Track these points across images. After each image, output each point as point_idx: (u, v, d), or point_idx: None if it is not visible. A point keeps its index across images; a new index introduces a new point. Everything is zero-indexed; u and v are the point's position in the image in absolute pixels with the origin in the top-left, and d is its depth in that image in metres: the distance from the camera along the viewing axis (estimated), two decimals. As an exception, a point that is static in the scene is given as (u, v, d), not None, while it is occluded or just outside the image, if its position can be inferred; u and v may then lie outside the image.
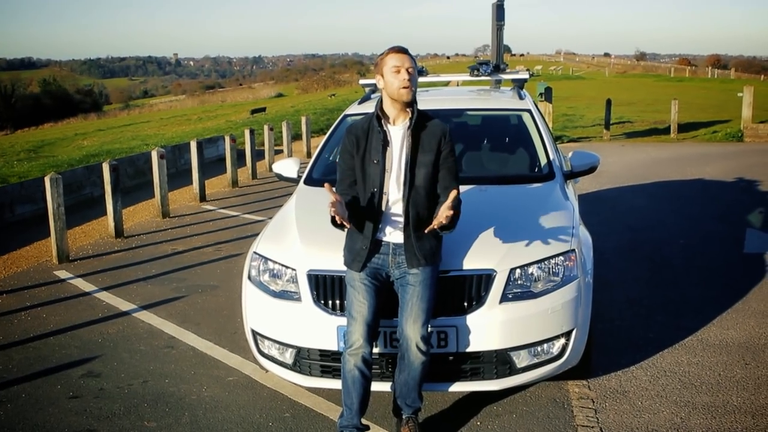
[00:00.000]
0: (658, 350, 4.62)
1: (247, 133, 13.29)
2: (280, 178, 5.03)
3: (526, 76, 5.91)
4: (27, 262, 7.41)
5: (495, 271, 3.56)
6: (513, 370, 3.63)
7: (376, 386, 3.59)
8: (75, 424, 3.88)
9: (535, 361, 3.66)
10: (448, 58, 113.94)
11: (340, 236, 3.52)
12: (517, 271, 3.60)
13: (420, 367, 3.37)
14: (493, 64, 6.12)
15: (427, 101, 5.17)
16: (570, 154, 4.95)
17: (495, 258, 3.60)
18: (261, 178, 12.83)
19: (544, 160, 4.83)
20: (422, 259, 3.38)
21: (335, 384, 3.63)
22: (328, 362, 3.68)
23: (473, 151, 5.29)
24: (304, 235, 3.93)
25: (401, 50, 3.39)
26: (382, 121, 3.42)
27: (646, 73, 69.22)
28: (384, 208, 3.40)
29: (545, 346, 3.66)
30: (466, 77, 6.18)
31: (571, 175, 4.81)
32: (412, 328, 3.33)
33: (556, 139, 12.31)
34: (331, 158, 5.12)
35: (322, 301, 3.65)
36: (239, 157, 13.24)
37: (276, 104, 40.79)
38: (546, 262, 3.66)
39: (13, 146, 28.28)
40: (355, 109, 5.49)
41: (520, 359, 3.62)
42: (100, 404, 4.09)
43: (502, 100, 5.87)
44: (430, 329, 3.43)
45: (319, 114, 25.64)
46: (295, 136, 17.45)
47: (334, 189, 3.25)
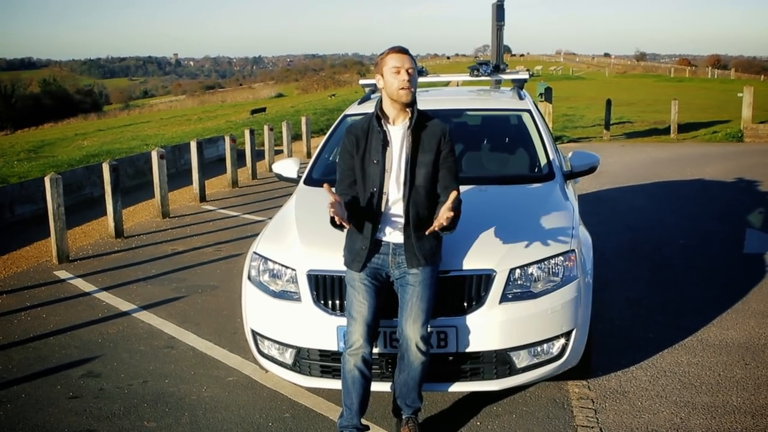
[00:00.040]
0: (657, 350, 4.62)
1: (247, 133, 13.29)
2: (280, 178, 5.03)
3: (525, 76, 5.91)
4: (27, 263, 7.41)
5: (495, 272, 3.56)
6: (513, 371, 3.63)
7: (376, 386, 3.59)
8: (75, 424, 3.88)
9: (535, 361, 3.66)
10: (448, 58, 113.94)
11: (340, 236, 3.52)
12: (517, 271, 3.60)
13: (420, 367, 3.37)
14: (493, 65, 6.12)
15: (427, 101, 5.17)
16: (570, 155, 4.95)
17: (495, 258, 3.60)
18: (261, 179, 12.83)
19: (543, 161, 4.83)
20: (422, 259, 3.38)
21: (335, 384, 3.63)
22: (327, 362, 3.68)
23: (473, 152, 5.29)
24: (303, 236, 3.93)
25: (402, 50, 3.38)
26: (382, 121, 3.42)
27: (646, 74, 69.25)
28: (384, 208, 3.40)
29: (545, 346, 3.66)
30: (466, 77, 6.18)
31: (571, 176, 4.81)
32: (411, 328, 3.33)
33: (556, 140, 12.31)
34: (330, 158, 5.13)
35: (322, 302, 3.65)
36: (239, 158, 13.24)
37: (276, 104, 40.79)
38: (546, 263, 3.66)
39: (13, 146, 28.27)
40: (355, 109, 5.49)
41: (520, 359, 3.62)
42: (100, 404, 4.09)
43: (502, 101, 5.87)
44: (429, 329, 3.43)
45: (319, 114, 25.64)
46: (295, 137, 17.46)
47: (333, 189, 3.25)
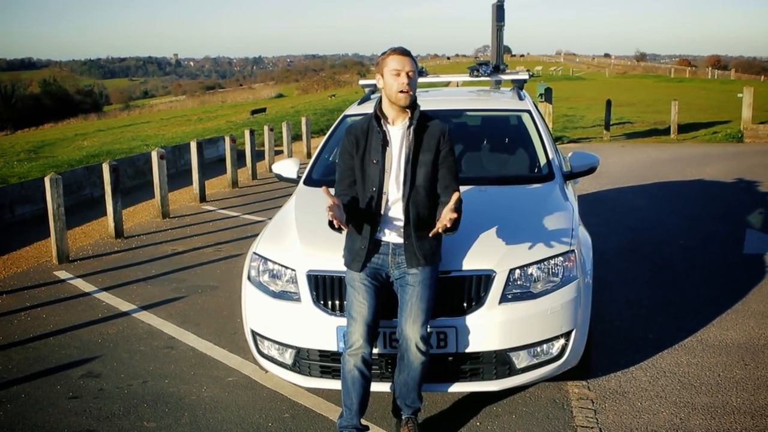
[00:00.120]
0: (657, 351, 4.62)
1: (247, 133, 13.30)
2: (280, 178, 5.03)
3: (525, 76, 5.92)
4: (27, 263, 7.41)
5: (494, 272, 3.56)
6: (512, 371, 3.63)
7: (376, 387, 3.59)
8: (74, 424, 3.89)
9: (535, 361, 3.66)
10: (448, 58, 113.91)
11: (340, 237, 3.52)
12: (517, 271, 3.60)
13: (419, 367, 3.37)
14: (492, 65, 6.13)
15: (426, 102, 5.16)
16: (569, 155, 4.95)
17: (494, 258, 3.60)
18: (261, 179, 12.83)
19: (543, 161, 4.83)
20: (422, 259, 3.38)
21: (335, 384, 3.63)
22: (327, 363, 3.68)
23: (473, 152, 5.29)
24: (303, 236, 3.93)
25: (403, 52, 3.37)
26: (382, 121, 3.43)
27: (646, 74, 69.27)
28: (383, 209, 3.40)
29: (545, 346, 3.66)
30: (466, 78, 6.19)
31: (571, 176, 4.81)
32: (411, 329, 3.33)
33: (556, 140, 12.31)
34: (330, 159, 5.13)
35: (322, 302, 3.65)
36: (239, 158, 13.25)
37: (276, 105, 40.80)
38: (545, 263, 3.66)
39: (13, 146, 28.28)
40: (354, 109, 5.49)
41: (520, 360, 3.62)
42: (100, 404, 4.09)
43: (502, 101, 5.87)
44: (429, 329, 3.43)
45: (319, 114, 25.65)
46: (295, 137, 17.46)
47: (332, 191, 3.25)
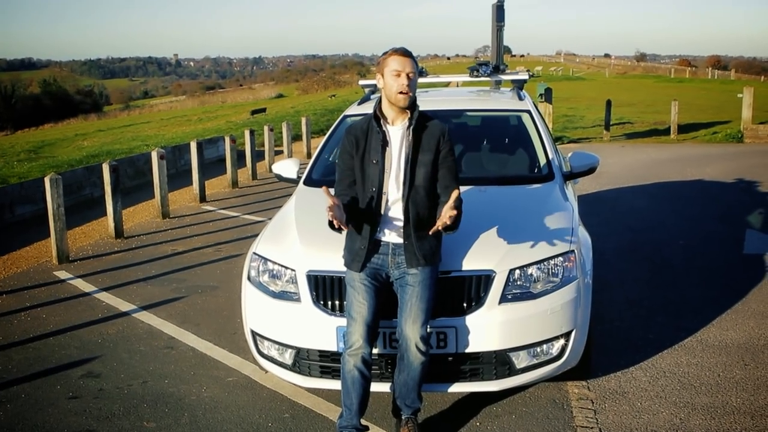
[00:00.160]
0: (657, 351, 4.62)
1: (247, 133, 13.30)
2: (280, 178, 5.04)
3: (525, 76, 5.92)
4: (27, 263, 7.41)
5: (494, 272, 3.56)
6: (512, 371, 3.63)
7: (376, 387, 3.59)
8: (74, 424, 3.89)
9: (535, 361, 3.66)
10: (449, 58, 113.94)
11: (340, 237, 3.52)
12: (517, 271, 3.60)
13: (419, 367, 3.37)
14: (492, 65, 6.13)
15: (426, 102, 5.16)
16: (569, 155, 4.95)
17: (494, 259, 3.60)
18: (261, 179, 12.84)
19: (543, 161, 4.83)
20: (422, 259, 3.38)
21: (335, 384, 3.63)
22: (327, 363, 3.68)
23: (473, 152, 5.29)
24: (303, 236, 3.93)
25: (404, 53, 3.37)
26: (381, 122, 3.42)
27: (647, 74, 69.27)
28: (383, 209, 3.40)
29: (544, 346, 3.66)
30: (466, 78, 6.18)
31: (571, 176, 4.81)
32: (411, 329, 3.33)
33: (556, 140, 12.31)
34: (330, 159, 5.13)
35: (322, 302, 3.65)
36: (239, 158, 13.25)
37: (276, 105, 40.81)
38: (545, 263, 3.66)
39: (14, 147, 28.30)
40: (354, 109, 5.49)
41: (520, 360, 3.62)
42: (100, 405, 4.10)
43: (502, 101, 5.87)
44: (429, 330, 3.43)
45: (319, 115, 25.66)
46: (295, 137, 17.46)
47: (332, 191, 3.25)
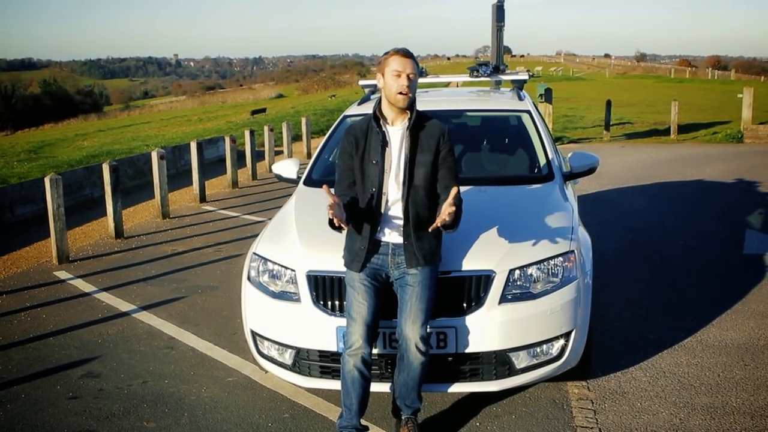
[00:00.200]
0: (657, 351, 4.62)
1: (247, 133, 13.30)
2: (280, 179, 5.04)
3: (525, 77, 5.91)
4: (27, 263, 7.42)
5: (494, 272, 3.56)
6: (512, 371, 3.63)
7: (376, 387, 3.59)
8: (74, 424, 3.89)
9: (535, 362, 3.66)
10: (449, 59, 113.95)
11: (340, 237, 3.52)
12: (517, 272, 3.60)
13: (419, 367, 3.37)
14: (492, 65, 6.12)
15: (426, 102, 5.17)
16: (569, 155, 4.95)
17: (494, 259, 3.60)
18: (261, 179, 12.84)
19: (543, 161, 4.83)
20: (422, 260, 3.38)
21: (334, 385, 3.63)
22: (327, 363, 3.69)
23: (473, 152, 5.29)
24: (303, 236, 3.93)
25: (406, 54, 3.36)
26: (381, 122, 3.42)
27: (647, 74, 69.26)
28: (383, 209, 3.40)
29: (544, 347, 3.66)
30: (466, 78, 6.19)
31: (571, 176, 4.81)
32: (411, 329, 3.33)
33: (556, 140, 12.30)
34: (330, 159, 5.13)
35: (322, 302, 3.65)
36: (239, 158, 13.25)
37: (276, 105, 40.81)
38: (545, 263, 3.67)
39: (14, 147, 28.29)
40: (354, 110, 5.49)
41: (519, 360, 3.62)
42: (100, 405, 4.10)
43: (502, 101, 5.87)
44: (429, 330, 3.43)
45: (320, 115, 25.66)
46: (295, 137, 17.47)
47: (332, 191, 3.25)
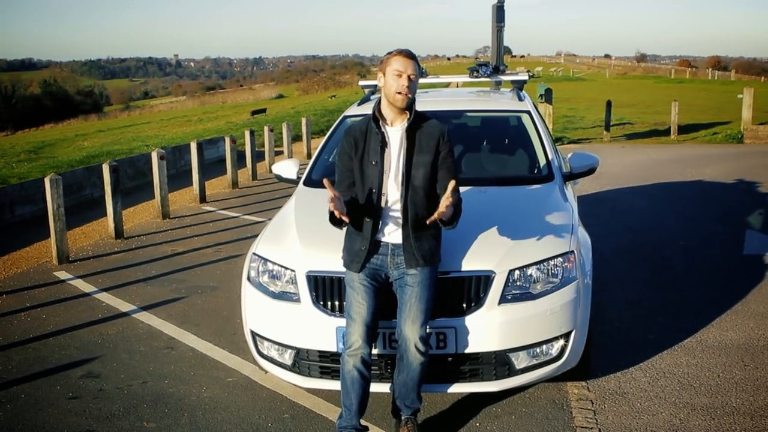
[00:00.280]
0: (657, 351, 4.62)
1: (248, 134, 13.30)
2: (280, 179, 5.04)
3: (525, 77, 5.91)
4: (27, 263, 7.42)
5: (494, 273, 3.56)
6: (512, 372, 3.63)
7: (375, 387, 3.59)
8: (74, 424, 3.89)
9: (534, 362, 3.66)
10: (449, 59, 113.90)
11: (340, 237, 3.52)
12: (516, 272, 3.60)
13: (419, 367, 3.37)
14: (492, 66, 6.12)
15: (426, 102, 5.17)
16: (569, 156, 4.95)
17: (494, 259, 3.60)
18: (261, 179, 12.84)
19: (543, 162, 4.83)
20: (421, 260, 3.38)
21: (334, 385, 3.63)
22: (327, 363, 3.69)
23: (473, 153, 5.29)
24: (303, 236, 3.93)
25: (408, 55, 3.37)
26: (380, 123, 3.43)
27: (647, 75, 69.24)
28: (383, 209, 3.40)
29: (544, 347, 3.66)
30: (466, 78, 6.18)
31: (571, 177, 4.81)
32: (410, 329, 3.33)
33: (556, 141, 12.31)
34: (330, 159, 5.13)
35: (322, 302, 3.65)
36: (239, 159, 13.25)
37: (276, 105, 40.82)
38: (545, 264, 3.67)
39: (14, 147, 28.30)
40: (354, 110, 5.49)
41: (519, 360, 3.62)
42: (100, 405, 4.10)
43: (502, 102, 5.87)
44: (429, 330, 3.44)
45: (320, 115, 25.66)
46: (296, 138, 17.47)
47: (333, 185, 3.25)
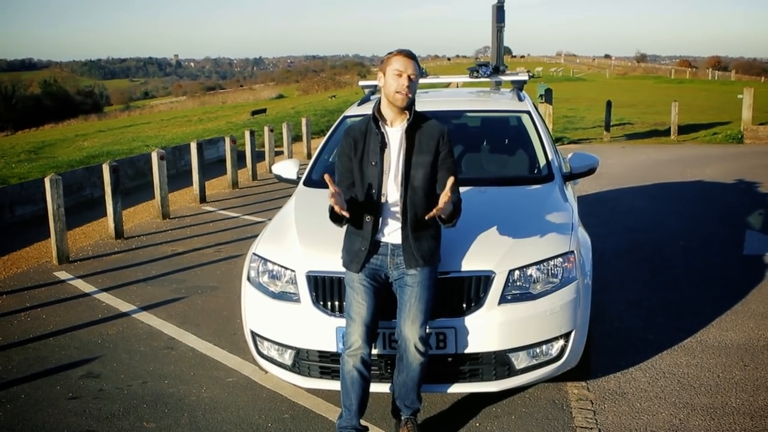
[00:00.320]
0: (657, 352, 4.62)
1: (248, 134, 13.30)
2: (280, 179, 5.04)
3: (525, 77, 5.91)
4: (27, 263, 7.42)
5: (494, 273, 3.56)
6: (512, 372, 3.63)
7: (375, 387, 3.59)
8: (74, 424, 3.89)
9: (534, 362, 3.66)
10: (449, 59, 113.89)
11: (340, 237, 3.52)
12: (516, 272, 3.60)
13: (418, 368, 3.37)
14: (492, 66, 6.12)
15: (426, 102, 5.17)
16: (569, 156, 4.95)
17: (494, 259, 3.60)
18: (261, 180, 12.84)
19: (543, 162, 4.83)
20: (420, 260, 3.38)
21: (334, 385, 3.63)
22: (327, 363, 3.69)
23: (473, 153, 5.30)
24: (303, 237, 3.94)
25: (408, 55, 3.37)
26: (380, 123, 3.43)
27: (647, 75, 69.23)
28: (382, 209, 3.40)
29: (544, 347, 3.66)
30: (466, 79, 6.18)
31: (570, 177, 4.81)
32: (410, 329, 3.33)
33: (557, 141, 12.31)
34: (330, 159, 5.13)
35: (321, 302, 3.65)
36: (239, 159, 13.26)
37: (276, 105, 40.82)
38: (545, 264, 3.67)
39: (14, 147, 28.29)
40: (354, 110, 5.50)
41: (519, 360, 3.62)
42: (100, 405, 4.10)
43: (502, 102, 5.87)
44: (428, 330, 3.44)
45: (320, 115, 25.66)
46: (296, 138, 17.47)
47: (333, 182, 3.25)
